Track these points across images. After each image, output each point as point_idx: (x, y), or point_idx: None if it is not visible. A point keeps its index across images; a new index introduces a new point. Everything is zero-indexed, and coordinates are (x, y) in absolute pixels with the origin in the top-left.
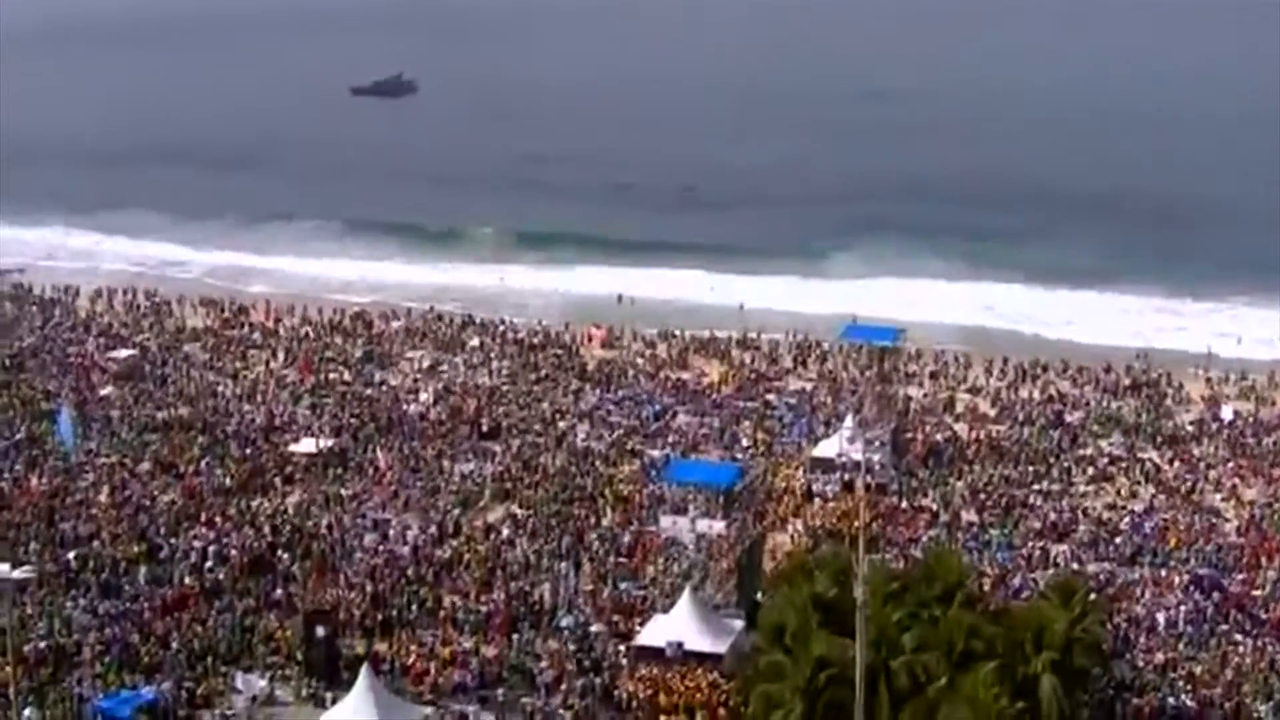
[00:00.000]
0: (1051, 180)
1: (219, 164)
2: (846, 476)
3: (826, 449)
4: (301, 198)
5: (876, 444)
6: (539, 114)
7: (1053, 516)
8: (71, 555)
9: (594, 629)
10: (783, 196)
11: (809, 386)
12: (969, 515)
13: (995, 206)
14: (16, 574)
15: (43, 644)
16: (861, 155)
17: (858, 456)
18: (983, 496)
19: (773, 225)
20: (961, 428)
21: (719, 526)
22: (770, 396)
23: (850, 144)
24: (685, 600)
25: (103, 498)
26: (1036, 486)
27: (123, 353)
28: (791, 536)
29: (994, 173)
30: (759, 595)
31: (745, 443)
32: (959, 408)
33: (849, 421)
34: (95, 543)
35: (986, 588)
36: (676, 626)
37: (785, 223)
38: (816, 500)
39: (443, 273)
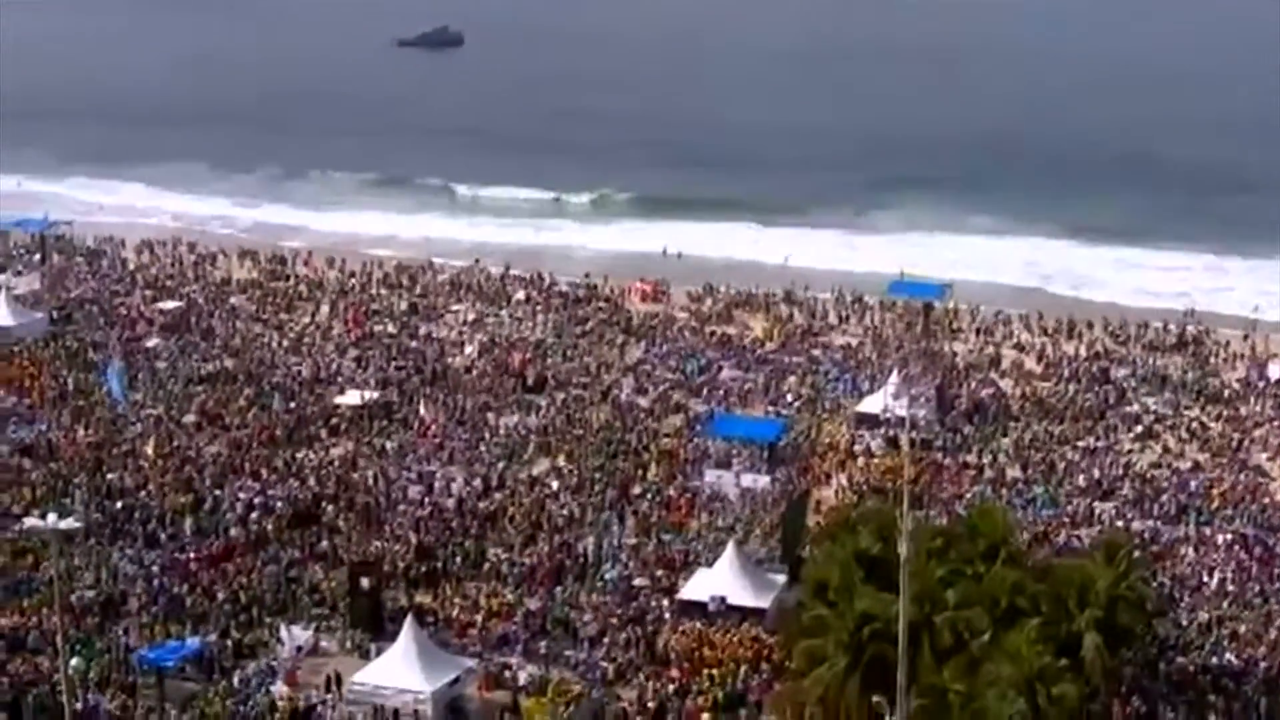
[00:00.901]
0: (1101, 138)
1: (263, 118)
2: (891, 432)
3: (871, 404)
4: (344, 151)
5: (921, 400)
6: (585, 68)
7: (1097, 474)
8: (118, 506)
9: (637, 583)
10: (829, 153)
11: (854, 342)
12: (1014, 472)
13: (1043, 163)
14: (64, 524)
15: (90, 594)
16: (910, 112)
17: (903, 412)
18: (1028, 453)
19: (820, 182)
20: (1007, 384)
21: (763, 481)
22: (816, 352)
23: (899, 101)
24: (729, 555)
25: (149, 449)
26: (1081, 443)
27: (169, 304)
28: (836, 492)
29: (1043, 130)
30: (803, 550)
31: (790, 398)
32: (1004, 364)
33: (894, 377)
34: (142, 494)
35: (1030, 545)
36: (720, 581)
37: (832, 179)
38: (861, 456)
39: (484, 228)
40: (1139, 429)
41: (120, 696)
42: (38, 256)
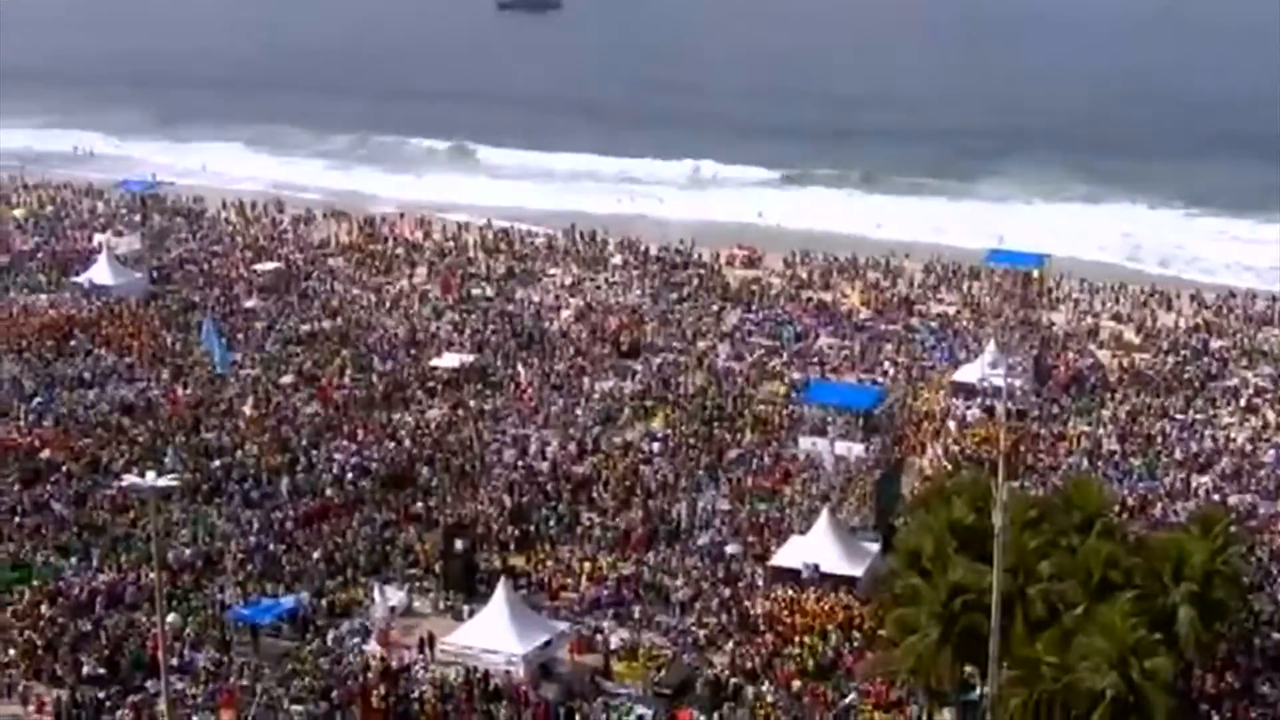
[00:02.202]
0: (1206, 108)
1: (359, 80)
2: (987, 402)
3: (968, 374)
4: (435, 117)
5: (1018, 370)
6: (684, 34)
7: (1195, 447)
8: (215, 465)
9: (730, 549)
10: (928, 122)
11: (952, 311)
12: (1110, 444)
13: (1147, 132)
14: (162, 482)
15: (187, 551)
16: (1011, 80)
17: (999, 382)
18: (1125, 425)
19: (917, 150)
20: (1104, 355)
21: (858, 449)
22: (913, 320)
23: (999, 69)
24: (823, 522)
25: (247, 409)
26: (1180, 416)
27: (267, 266)
28: (931, 461)
29: (1148, 99)
30: (896, 519)
31: (886, 366)
32: (1103, 335)
33: (991, 346)
34: (239, 453)
35: (1126, 517)
36: (813, 548)
37: (930, 147)
38: (956, 425)
39: (579, 196)
40: (1238, 402)
41: (215, 652)
42: (138, 216)
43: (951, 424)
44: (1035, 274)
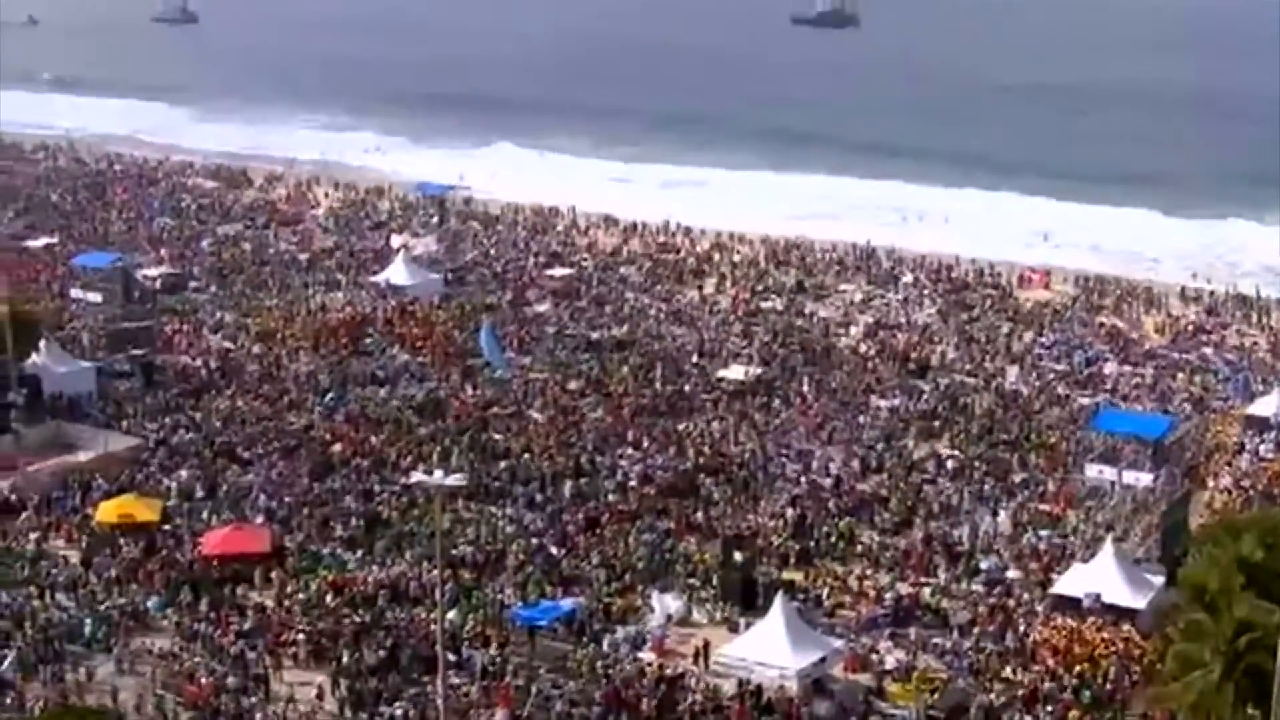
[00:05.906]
0: None
1: (650, 91)
2: None
3: (1263, 407)
4: (715, 135)
5: None
6: (987, 52)
7: None
8: (501, 466)
9: (1011, 575)
10: (1228, 154)
11: (1249, 342)
12: None
13: None
14: (449, 481)
15: (469, 550)
16: None
17: None
18: None
19: (1217, 177)
20: None
21: (1146, 479)
22: (1207, 350)
23: None
24: (1106, 552)
25: (534, 413)
26: None
27: (560, 271)
28: (1221, 494)
29: None
30: (1182, 552)
31: (1179, 396)
32: None
33: None
34: (525, 456)
35: None
36: (1096, 578)
37: (1230, 174)
38: (1249, 459)
39: (868, 220)
40: None
41: (493, 651)
42: (435, 218)
43: (1244, 458)
44: None
